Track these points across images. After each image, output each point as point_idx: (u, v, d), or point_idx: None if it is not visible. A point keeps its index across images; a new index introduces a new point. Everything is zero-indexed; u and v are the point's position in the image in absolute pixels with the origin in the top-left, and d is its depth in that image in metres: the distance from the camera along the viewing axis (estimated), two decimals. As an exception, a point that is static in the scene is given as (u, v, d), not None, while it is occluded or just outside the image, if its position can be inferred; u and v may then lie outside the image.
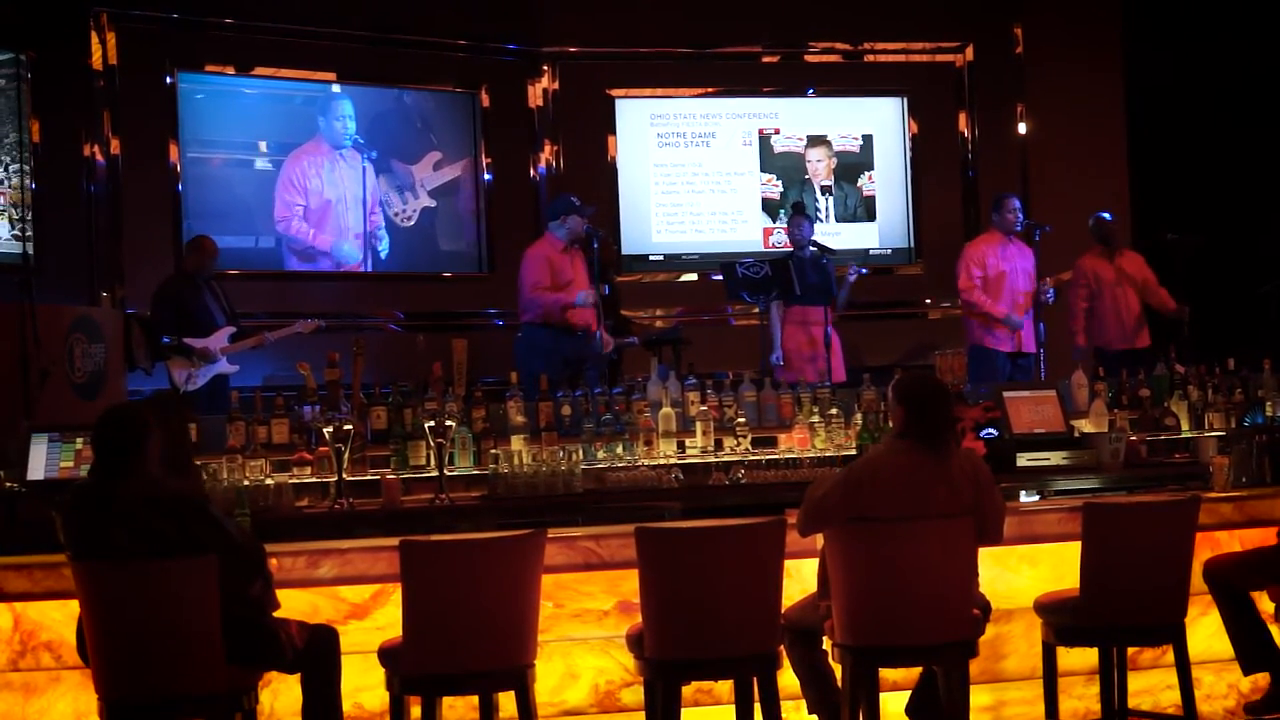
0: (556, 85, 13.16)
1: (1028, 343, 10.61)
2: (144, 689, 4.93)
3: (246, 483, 6.98)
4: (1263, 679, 6.28)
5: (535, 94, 13.13)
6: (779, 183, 13.63)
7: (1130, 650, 6.05)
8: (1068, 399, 8.31)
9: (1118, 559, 5.66)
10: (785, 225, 11.47)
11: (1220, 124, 14.03)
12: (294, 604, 5.54)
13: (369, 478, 7.33)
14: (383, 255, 12.62)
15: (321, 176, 12.32)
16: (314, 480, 7.27)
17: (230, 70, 12.09)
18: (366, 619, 5.81)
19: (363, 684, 5.66)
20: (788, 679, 5.65)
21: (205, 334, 9.78)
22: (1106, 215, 11.23)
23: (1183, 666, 5.72)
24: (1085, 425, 8.10)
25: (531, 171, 13.10)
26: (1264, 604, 6.16)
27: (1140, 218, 13.06)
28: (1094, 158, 13.52)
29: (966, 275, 10.67)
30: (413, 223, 12.81)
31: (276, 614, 5.23)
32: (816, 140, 13.74)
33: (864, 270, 10.68)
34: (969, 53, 13.79)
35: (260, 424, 7.63)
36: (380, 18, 12.37)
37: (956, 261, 10.90)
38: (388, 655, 5.27)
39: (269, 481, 7.07)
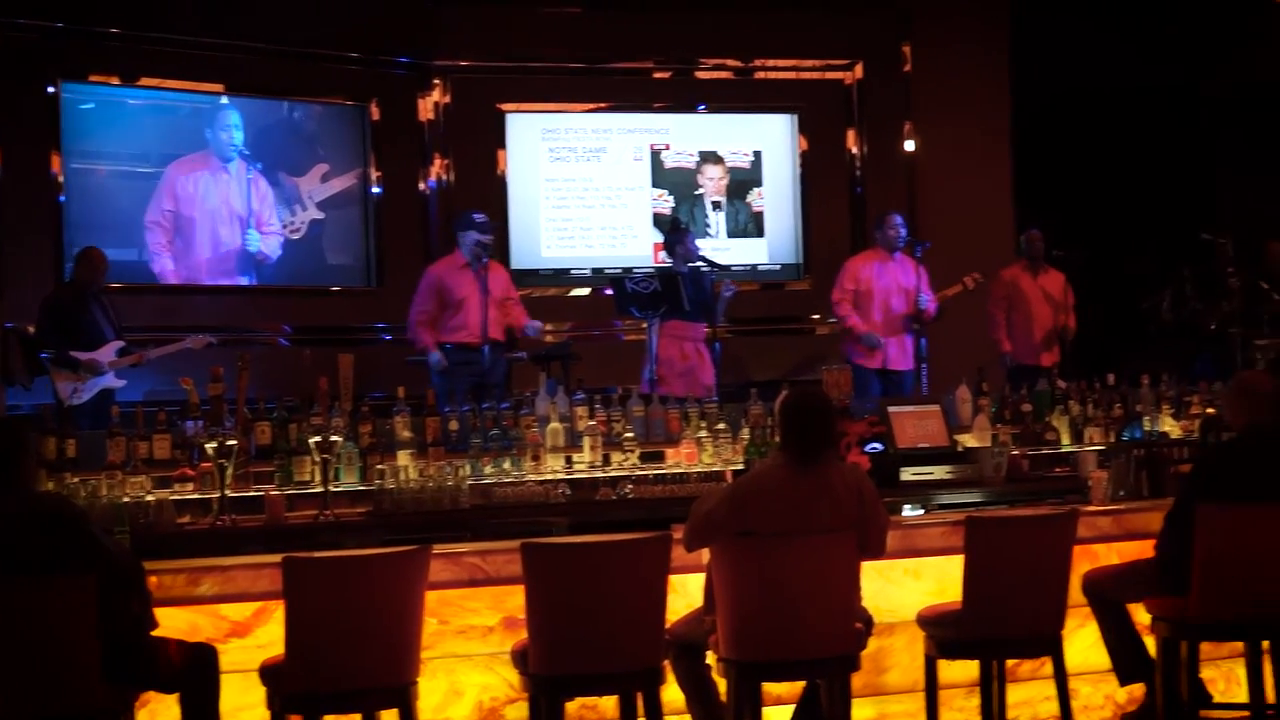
0: (448, 99, 13.12)
1: (897, 360, 10.68)
2: (18, 709, 4.84)
3: (127, 499, 6.87)
4: (1138, 690, 6.37)
5: (426, 107, 13.08)
6: (670, 198, 13.67)
7: (1010, 662, 6.11)
8: (952, 414, 8.41)
9: (998, 572, 5.73)
10: (664, 243, 11.46)
11: (1102, 143, 14.30)
12: (173, 622, 5.47)
13: (253, 494, 7.24)
14: (270, 269, 12.49)
15: (198, 188, 12.15)
16: (196, 496, 7.17)
17: (115, 80, 11.92)
18: (248, 637, 5.74)
19: (243, 703, 5.58)
20: (673, 694, 5.66)
21: (93, 347, 9.64)
22: (1036, 232, 11.40)
23: (1061, 678, 5.79)
24: (969, 440, 8.19)
25: (422, 185, 13.05)
26: (1140, 616, 6.25)
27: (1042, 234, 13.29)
28: (980, 175, 13.70)
29: (839, 288, 10.76)
30: (300, 235, 12.70)
31: (155, 633, 5.16)
32: (708, 156, 13.80)
33: (735, 289, 10.71)
34: (858, 70, 13.93)
35: (142, 439, 7.53)
36: (270, 29, 12.25)
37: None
38: (269, 674, 5.23)
39: (150, 498, 6.95)
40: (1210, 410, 8.43)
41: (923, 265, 10.83)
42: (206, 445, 6.91)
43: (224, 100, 12.34)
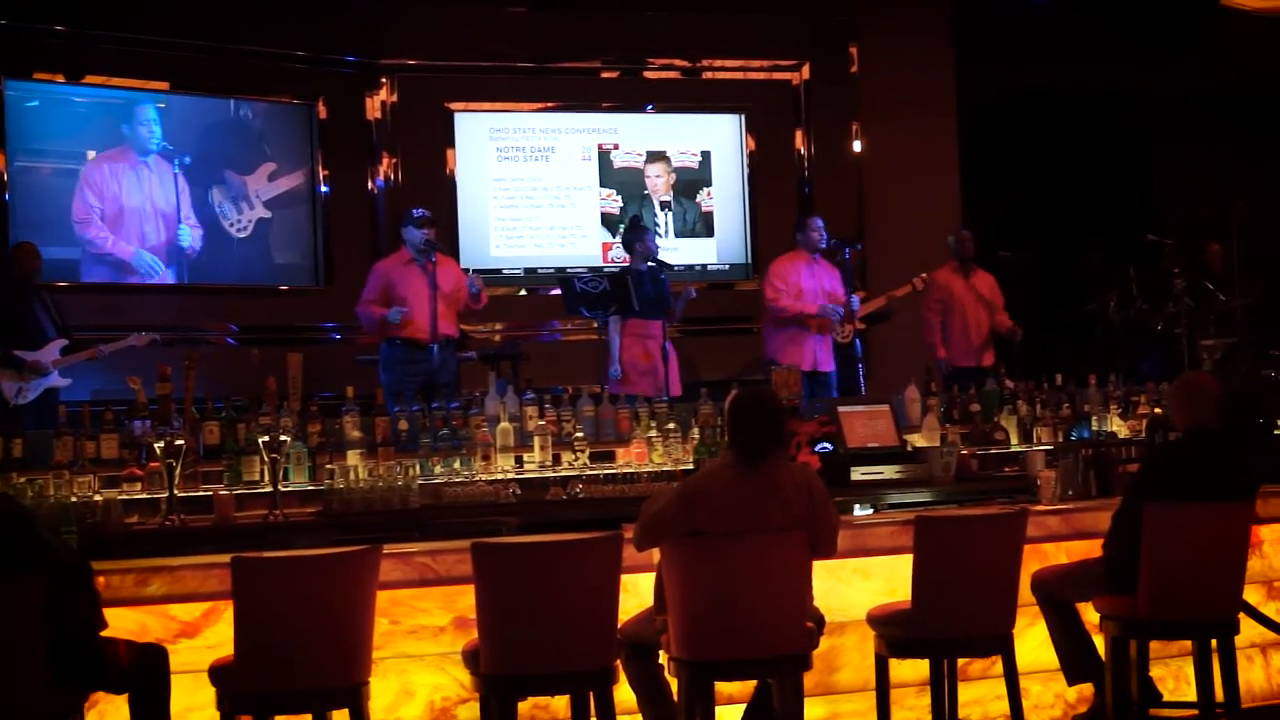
0: (395, 98, 13.08)
1: (824, 362, 10.66)
2: (-36, 712, 4.80)
3: (74, 499, 6.83)
4: (1088, 689, 6.42)
5: (373, 106, 13.04)
6: (619, 198, 13.67)
7: (960, 661, 6.13)
8: (901, 413, 8.45)
9: (948, 571, 5.75)
10: (623, 240, 11.46)
11: (1048, 144, 14.40)
12: (122, 623, 5.43)
13: (201, 494, 7.21)
14: (189, 264, 12.39)
15: (121, 183, 12.04)
16: (144, 496, 7.13)
17: (60, 79, 11.83)
18: (197, 637, 5.71)
19: (193, 704, 5.55)
20: (624, 694, 5.66)
21: (36, 346, 9.54)
22: (966, 233, 11.44)
23: (1011, 677, 5.81)
24: (918, 439, 8.23)
25: (369, 184, 13.01)
26: (1089, 615, 6.30)
27: (972, 235, 13.36)
28: (927, 176, 13.77)
29: (772, 289, 10.65)
30: (248, 234, 12.63)
31: (104, 633, 5.12)
32: (656, 156, 13.81)
33: (694, 293, 10.72)
34: (805, 71, 13.97)
35: (89, 439, 7.48)
36: (216, 27, 12.18)
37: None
38: (219, 674, 5.19)
39: (97, 498, 6.92)
40: (1157, 410, 8.51)
41: (845, 266, 10.85)
42: (154, 445, 6.86)
43: (162, 103, 12.22)
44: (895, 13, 13.81)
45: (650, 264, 10.25)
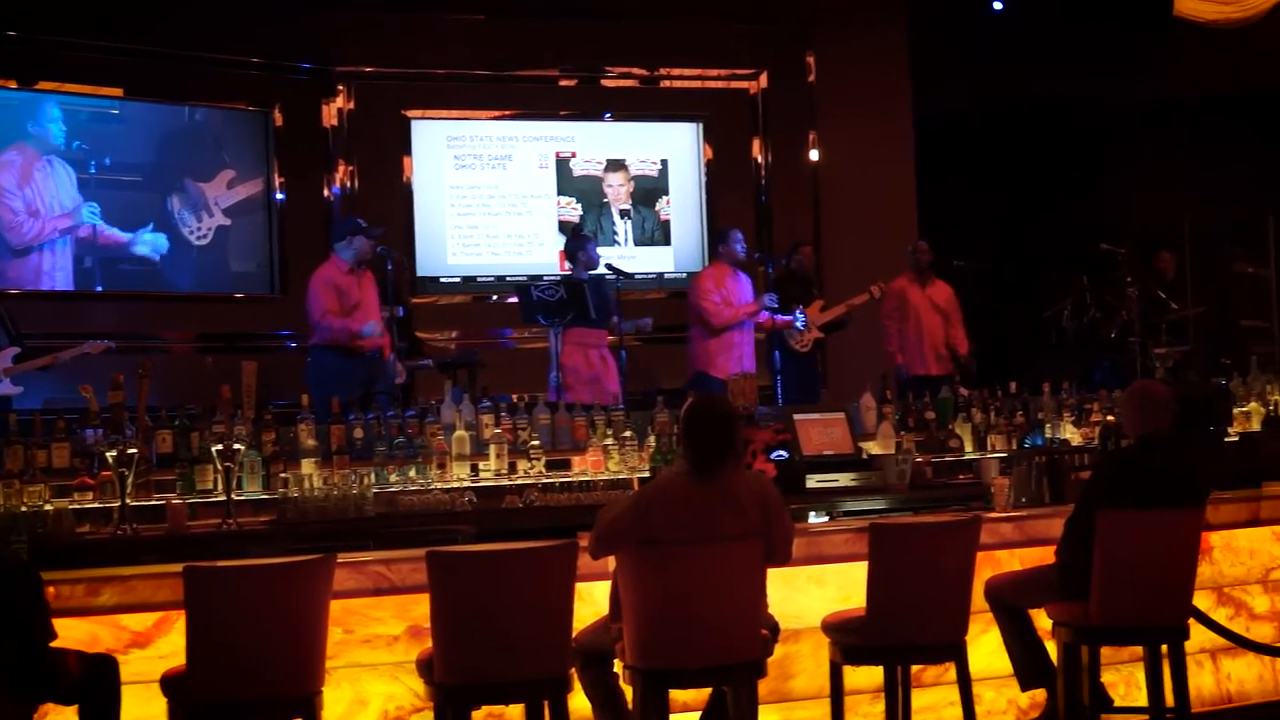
0: (352, 105, 13.05)
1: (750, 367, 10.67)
2: (-88, 723, 4.76)
3: (24, 508, 6.76)
4: (1041, 695, 6.44)
5: (330, 113, 13.00)
6: (578, 205, 13.67)
7: (915, 668, 6.16)
8: (857, 421, 8.47)
9: (902, 578, 5.78)
10: (566, 250, 11.47)
11: (1003, 153, 14.49)
12: (72, 633, 5.38)
13: (154, 503, 7.16)
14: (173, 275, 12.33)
15: (19, 184, 11.84)
16: (96, 506, 7.07)
17: (13, 85, 11.74)
18: (149, 647, 5.67)
19: (144, 715, 5.50)
20: (579, 702, 5.65)
21: (-16, 354, 9.49)
22: (923, 243, 11.51)
23: (964, 684, 5.84)
24: (873, 447, 8.26)
25: (326, 191, 12.97)
26: (1042, 621, 6.33)
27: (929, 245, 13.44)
28: (884, 185, 13.83)
29: (710, 301, 10.65)
30: (207, 241, 12.57)
31: (54, 644, 5.08)
32: (614, 164, 13.82)
33: (649, 326, 10.72)
34: (763, 80, 14.02)
35: (40, 447, 7.39)
36: (171, 33, 12.11)
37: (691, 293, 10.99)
38: (170, 684, 5.16)
39: (48, 507, 6.86)
40: (1110, 418, 8.54)
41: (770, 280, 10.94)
42: (106, 453, 6.81)
43: (116, 105, 12.13)
44: (851, 22, 13.87)
45: (593, 273, 10.28)
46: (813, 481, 7.48)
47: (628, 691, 5.56)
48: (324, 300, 9.38)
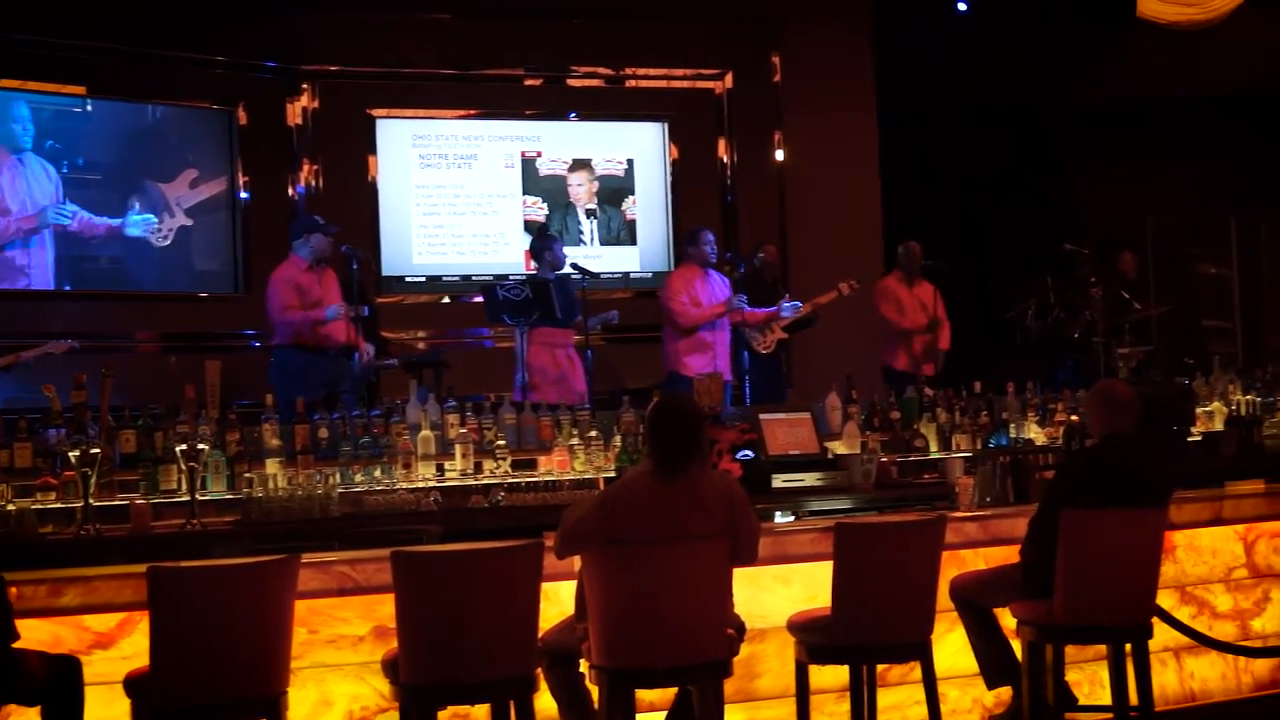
0: (316, 104, 12.99)
1: (728, 372, 10.65)
2: (-128, 725, 4.72)
3: (-14, 509, 6.73)
4: (1005, 693, 6.47)
5: (294, 112, 12.95)
6: (544, 205, 13.65)
7: (880, 667, 6.18)
8: (822, 421, 8.49)
9: (868, 578, 5.80)
10: (531, 249, 11.44)
11: (967, 153, 14.53)
12: (35, 634, 5.35)
13: (117, 503, 7.10)
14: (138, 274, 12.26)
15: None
16: (59, 506, 7.02)
17: (-24, 81, 11.68)
18: (112, 648, 5.64)
19: (107, 716, 5.48)
20: (545, 702, 5.66)
21: (-52, 355, 9.42)
22: (914, 244, 11.54)
23: (930, 682, 5.87)
24: (839, 447, 8.27)
25: (290, 191, 12.91)
26: (1006, 620, 6.35)
27: (892, 244, 13.46)
28: (849, 184, 13.86)
29: (679, 303, 10.64)
30: (168, 242, 12.50)
31: (16, 645, 5.05)
32: (579, 164, 13.80)
33: (616, 318, 10.71)
34: (728, 80, 14.02)
35: (2, 448, 7.35)
36: (133, 31, 12.04)
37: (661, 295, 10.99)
38: (134, 685, 5.14)
39: (10, 507, 6.81)
40: (1074, 418, 8.58)
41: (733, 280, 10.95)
42: (69, 453, 6.75)
43: (87, 104, 12.07)
44: (817, 23, 13.90)
45: (559, 272, 10.27)
46: (778, 481, 7.48)
47: (594, 691, 5.56)
48: (283, 296, 9.40)
